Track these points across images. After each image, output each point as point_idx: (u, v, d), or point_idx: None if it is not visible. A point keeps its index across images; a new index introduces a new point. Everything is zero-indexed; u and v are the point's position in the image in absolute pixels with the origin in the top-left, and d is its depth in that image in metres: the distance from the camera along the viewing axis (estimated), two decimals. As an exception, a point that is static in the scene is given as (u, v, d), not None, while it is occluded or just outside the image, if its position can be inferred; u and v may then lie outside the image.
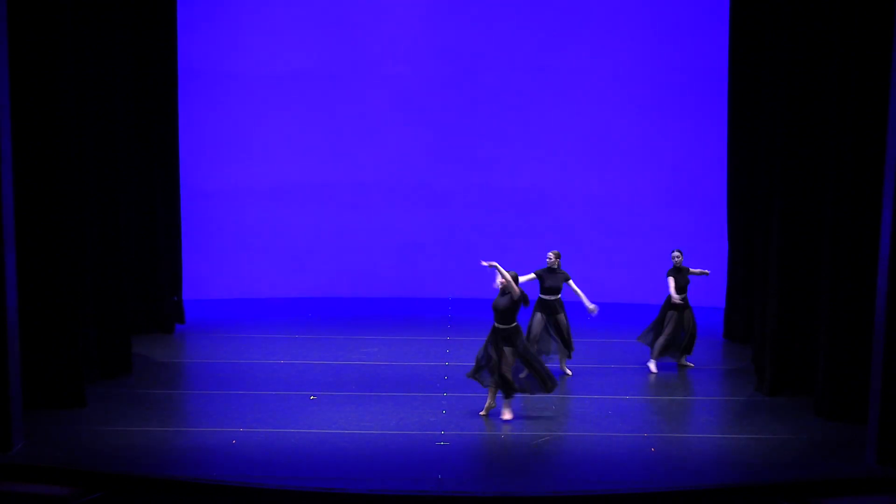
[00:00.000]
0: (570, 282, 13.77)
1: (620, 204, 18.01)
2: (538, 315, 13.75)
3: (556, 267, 13.78)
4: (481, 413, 11.85)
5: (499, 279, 11.85)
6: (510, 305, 11.74)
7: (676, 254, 14.26)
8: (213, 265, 17.87)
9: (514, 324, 11.81)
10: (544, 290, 13.82)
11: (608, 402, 12.44)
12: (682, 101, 17.71)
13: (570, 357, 13.87)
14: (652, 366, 13.92)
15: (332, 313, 15.46)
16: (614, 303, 18.12)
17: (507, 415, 11.75)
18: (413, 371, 13.93)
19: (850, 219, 11.32)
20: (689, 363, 14.15)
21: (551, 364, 13.27)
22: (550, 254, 13.85)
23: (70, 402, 11.87)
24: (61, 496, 9.49)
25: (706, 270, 14.50)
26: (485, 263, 11.98)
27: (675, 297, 13.99)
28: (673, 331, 13.97)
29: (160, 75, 15.43)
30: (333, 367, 14.02)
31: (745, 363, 14.15)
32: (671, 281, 14.08)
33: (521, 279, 12.75)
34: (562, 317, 13.81)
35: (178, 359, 14.54)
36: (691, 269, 14.29)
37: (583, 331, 16.30)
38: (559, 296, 13.84)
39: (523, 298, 11.78)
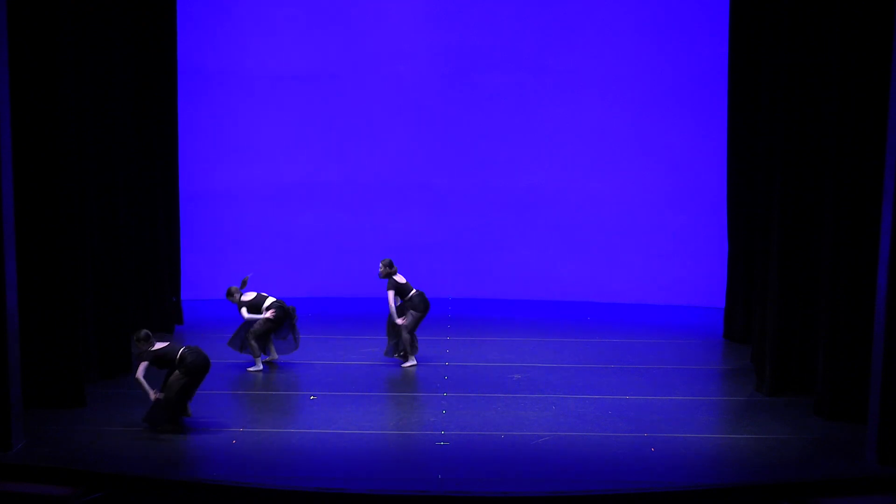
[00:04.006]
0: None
1: (620, 204, 18.00)
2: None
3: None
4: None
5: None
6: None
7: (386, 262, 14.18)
8: (212, 265, 17.87)
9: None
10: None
11: (608, 402, 12.44)
12: (682, 101, 17.69)
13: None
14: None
15: (332, 313, 15.45)
16: (614, 303, 18.14)
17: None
18: (413, 371, 13.93)
19: (850, 219, 11.32)
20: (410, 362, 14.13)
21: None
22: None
23: (70, 402, 11.87)
24: (61, 496, 9.49)
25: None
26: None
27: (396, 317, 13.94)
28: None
29: (160, 75, 15.43)
30: (333, 367, 14.01)
31: (745, 363, 14.14)
32: (391, 294, 14.02)
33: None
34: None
35: (178, 359, 14.52)
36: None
37: (582, 330, 16.33)
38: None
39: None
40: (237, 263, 18.05)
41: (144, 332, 11.46)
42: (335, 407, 12.25)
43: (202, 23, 17.38)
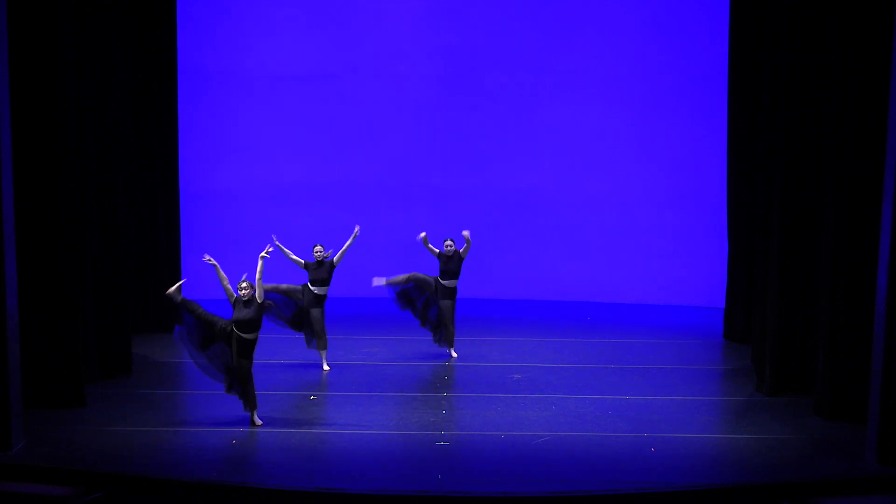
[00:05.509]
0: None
1: (620, 204, 18.01)
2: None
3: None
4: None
5: (246, 288, 11.55)
6: (256, 315, 11.42)
7: (448, 242, 14.50)
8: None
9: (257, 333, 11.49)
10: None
11: (608, 402, 12.44)
12: (682, 102, 17.70)
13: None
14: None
15: (334, 313, 15.41)
16: (614, 303, 18.15)
17: (257, 421, 11.49)
18: (413, 371, 13.94)
19: (850, 219, 11.32)
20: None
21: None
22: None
23: (70, 402, 11.87)
24: (61, 496, 9.49)
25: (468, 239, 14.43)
26: (208, 259, 11.94)
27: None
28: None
29: (160, 75, 15.44)
30: (334, 367, 14.02)
31: (745, 363, 14.15)
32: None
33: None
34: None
35: (178, 359, 14.51)
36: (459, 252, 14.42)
37: (582, 330, 16.34)
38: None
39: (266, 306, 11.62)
40: (237, 263, 18.04)
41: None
42: (335, 407, 12.25)
43: (202, 23, 17.39)
